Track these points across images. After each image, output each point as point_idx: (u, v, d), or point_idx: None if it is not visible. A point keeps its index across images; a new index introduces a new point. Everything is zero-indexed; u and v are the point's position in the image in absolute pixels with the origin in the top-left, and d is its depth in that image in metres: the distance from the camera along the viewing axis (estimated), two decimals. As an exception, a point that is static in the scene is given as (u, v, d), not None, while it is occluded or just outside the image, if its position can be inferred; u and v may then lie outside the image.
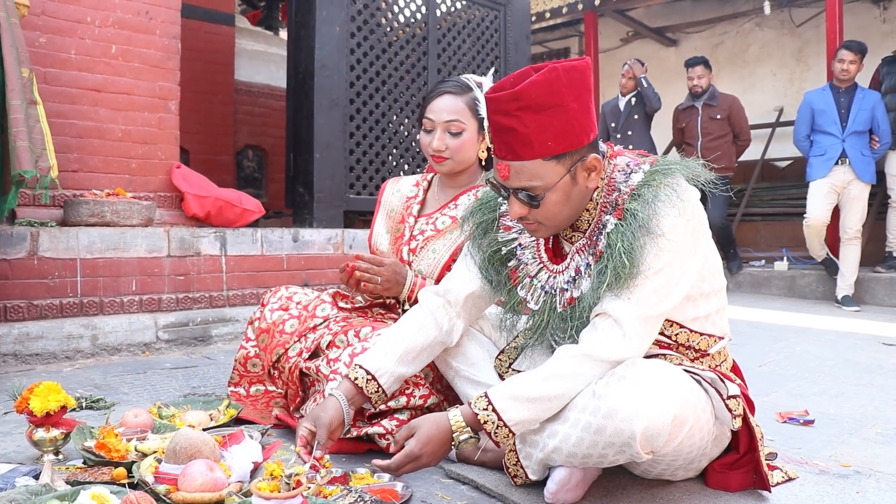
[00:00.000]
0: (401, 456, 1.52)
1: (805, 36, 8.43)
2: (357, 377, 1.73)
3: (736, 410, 1.54)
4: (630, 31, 9.71)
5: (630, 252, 1.48)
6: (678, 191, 1.51)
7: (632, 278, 1.48)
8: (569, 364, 1.50)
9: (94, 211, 3.43)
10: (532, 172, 1.50)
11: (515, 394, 1.49)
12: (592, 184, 1.56)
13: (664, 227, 1.48)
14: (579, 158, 1.52)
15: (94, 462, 1.70)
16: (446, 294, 1.83)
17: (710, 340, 1.67)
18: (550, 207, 1.54)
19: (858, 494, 1.69)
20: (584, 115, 1.50)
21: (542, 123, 1.45)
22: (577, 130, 1.49)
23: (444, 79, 2.27)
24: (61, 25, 3.62)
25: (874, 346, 3.91)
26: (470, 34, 5.35)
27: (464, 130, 2.19)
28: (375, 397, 1.75)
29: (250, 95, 7.17)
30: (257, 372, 2.33)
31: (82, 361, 3.23)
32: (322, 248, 4.26)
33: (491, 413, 1.49)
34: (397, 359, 1.76)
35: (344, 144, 4.54)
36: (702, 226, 1.57)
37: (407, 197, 2.42)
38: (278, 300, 2.32)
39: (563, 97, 1.45)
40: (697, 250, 1.56)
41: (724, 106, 6.43)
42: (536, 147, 1.47)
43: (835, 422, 2.37)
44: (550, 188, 1.51)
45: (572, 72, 1.46)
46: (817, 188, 5.75)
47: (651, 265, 1.48)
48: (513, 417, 1.49)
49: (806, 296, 6.30)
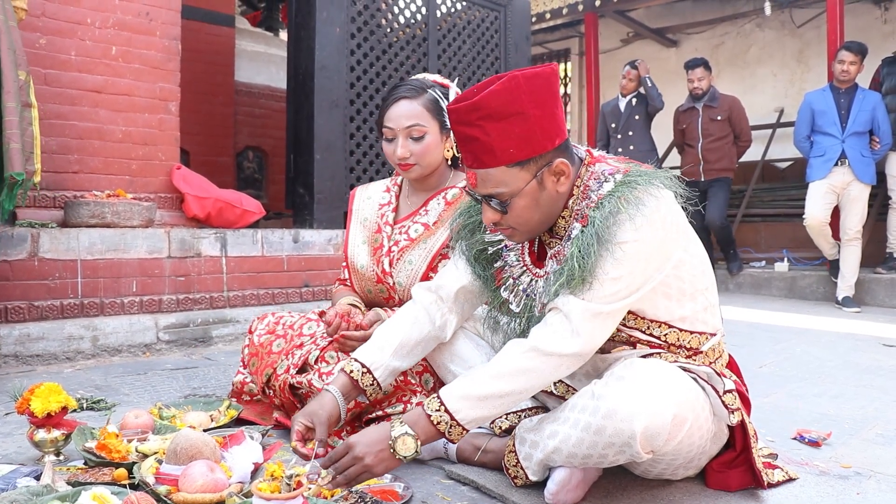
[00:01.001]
0: (339, 447, 1.50)
1: (806, 37, 8.43)
2: (353, 370, 1.75)
3: (732, 405, 1.55)
4: (630, 32, 9.71)
5: (583, 258, 1.48)
6: (640, 205, 1.49)
7: (584, 282, 1.48)
8: (518, 360, 1.51)
9: (95, 212, 3.44)
10: (497, 179, 1.52)
11: (467, 393, 1.50)
12: (563, 188, 1.56)
13: (621, 238, 1.47)
14: (545, 164, 1.52)
15: (95, 463, 1.70)
16: (438, 290, 1.85)
17: (702, 338, 1.67)
18: (520, 213, 1.55)
19: (859, 496, 1.69)
20: (549, 121, 1.50)
21: (504, 131, 1.47)
22: (539, 137, 1.49)
23: (397, 83, 2.24)
24: (61, 27, 3.62)
25: (875, 347, 3.91)
26: (470, 35, 5.35)
27: (425, 133, 2.15)
28: (370, 390, 1.76)
29: (250, 97, 7.17)
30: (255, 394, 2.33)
31: (83, 362, 3.23)
32: (322, 248, 4.27)
33: (444, 414, 1.50)
34: (392, 352, 1.78)
35: (344, 145, 4.54)
36: (673, 234, 1.55)
37: (380, 204, 2.37)
38: (265, 326, 2.31)
39: (523, 105, 1.46)
40: (666, 261, 1.54)
41: (724, 107, 6.42)
42: (499, 155, 1.49)
43: (835, 423, 2.37)
44: (517, 194, 1.53)
45: (535, 79, 1.47)
46: (815, 189, 5.75)
47: (608, 272, 1.48)
48: (465, 417, 1.50)
49: (806, 297, 6.30)
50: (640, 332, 1.63)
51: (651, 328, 1.62)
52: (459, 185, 2.27)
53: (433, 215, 2.25)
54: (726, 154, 6.45)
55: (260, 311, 3.90)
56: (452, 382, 1.56)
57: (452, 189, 2.27)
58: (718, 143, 6.43)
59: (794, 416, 2.46)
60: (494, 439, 1.80)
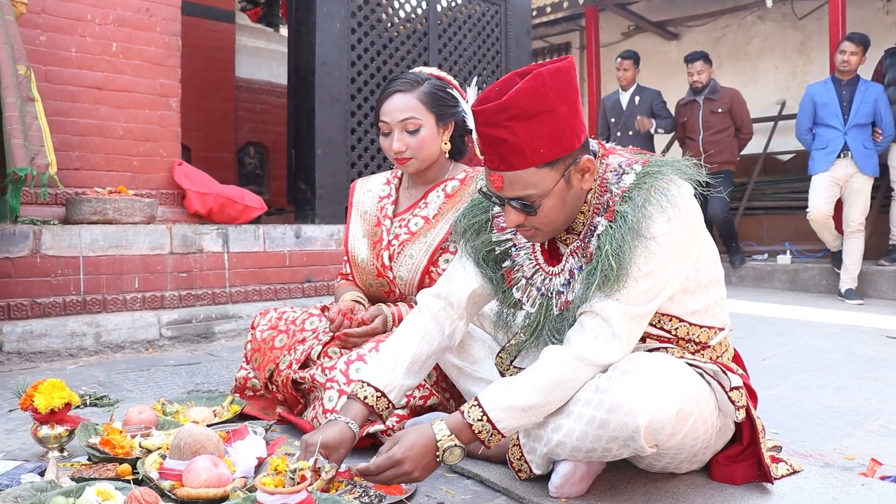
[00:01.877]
0: (382, 459, 1.47)
1: (808, 29, 8.40)
2: (367, 396, 1.65)
3: (739, 402, 1.54)
4: (631, 25, 9.68)
5: (619, 255, 1.46)
6: (669, 195, 1.48)
7: (619, 280, 1.46)
8: (562, 369, 1.49)
9: (97, 209, 3.44)
10: (526, 181, 1.47)
11: (510, 404, 1.48)
12: (587, 185, 1.53)
13: (654, 231, 1.46)
14: (572, 162, 1.49)
15: (99, 458, 1.70)
16: (448, 296, 1.78)
17: (710, 332, 1.66)
18: (547, 213, 1.52)
19: (863, 487, 1.69)
20: (574, 118, 1.47)
21: (533, 131, 1.42)
22: (567, 135, 1.46)
23: (393, 76, 2.24)
24: (62, 23, 3.62)
25: (878, 339, 3.90)
26: (471, 29, 5.33)
27: (421, 127, 2.13)
28: (386, 413, 1.69)
29: (251, 92, 7.17)
30: (258, 389, 2.33)
31: (86, 359, 3.24)
32: (324, 244, 4.26)
33: (486, 424, 1.48)
34: (404, 371, 1.71)
35: (345, 140, 4.53)
36: (696, 224, 1.54)
37: (379, 197, 2.36)
38: (268, 321, 2.31)
39: (551, 102, 1.42)
40: (690, 251, 1.54)
41: (725, 99, 6.41)
42: (529, 156, 1.45)
43: (839, 415, 2.37)
44: (546, 195, 1.49)
45: (558, 74, 1.43)
46: (818, 182, 5.73)
47: (641, 268, 1.46)
48: (507, 426, 1.48)
49: (809, 289, 6.29)
50: (652, 327, 1.61)
51: (662, 322, 1.61)
52: (458, 177, 2.26)
53: (433, 208, 2.24)
54: (727, 147, 6.43)
55: (262, 306, 3.90)
56: (492, 389, 1.52)
57: (452, 181, 2.26)
58: (719, 135, 6.41)
59: (799, 408, 2.46)
60: (498, 433, 1.79)
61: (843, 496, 1.63)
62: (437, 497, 1.62)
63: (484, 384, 1.84)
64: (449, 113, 2.16)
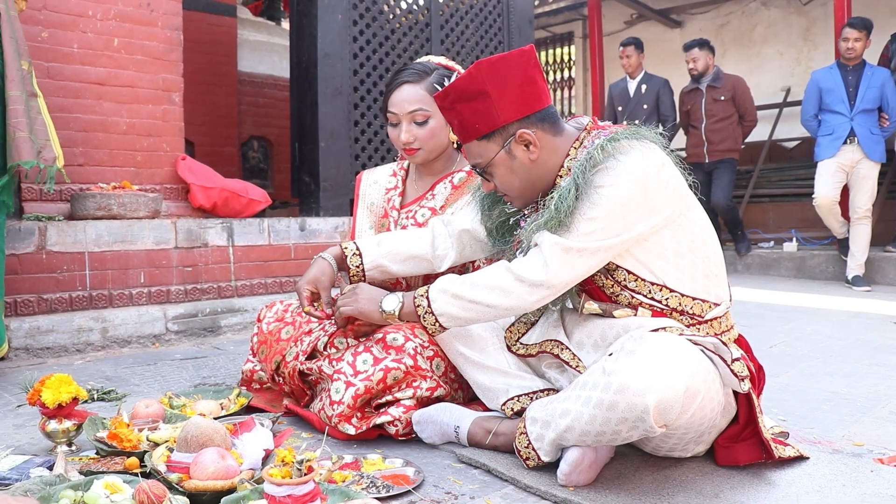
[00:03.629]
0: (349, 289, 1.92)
1: (812, 14, 8.35)
2: (347, 247, 2.02)
3: (742, 372, 1.55)
4: (634, 14, 9.64)
5: (560, 201, 1.61)
6: (619, 153, 1.61)
7: (560, 224, 1.61)
8: (494, 276, 1.68)
9: (101, 204, 3.44)
10: (474, 152, 1.73)
11: (446, 288, 1.73)
12: (534, 156, 1.68)
13: (598, 182, 1.59)
14: (509, 135, 1.68)
15: (107, 452, 1.70)
16: (448, 224, 2.02)
17: (704, 306, 1.69)
18: (501, 180, 1.74)
19: (873, 473, 1.68)
20: (509, 99, 1.65)
21: (471, 110, 1.67)
22: (496, 112, 1.65)
23: (401, 67, 2.25)
24: (63, 19, 3.61)
25: (885, 325, 3.89)
26: (473, 20, 5.31)
27: (429, 118, 2.16)
28: (354, 271, 2.00)
29: (254, 86, 7.15)
30: (264, 381, 2.33)
31: (93, 354, 3.25)
32: (329, 236, 4.26)
33: (424, 299, 1.75)
34: (386, 252, 2.00)
35: (349, 133, 4.53)
36: (661, 188, 1.61)
37: (386, 188, 2.37)
38: (274, 314, 2.32)
39: (485, 86, 1.63)
40: (652, 213, 1.61)
41: (728, 87, 6.37)
42: (469, 129, 1.70)
43: (847, 401, 2.36)
44: (490, 164, 1.71)
45: (498, 63, 1.64)
46: (825, 168, 5.70)
47: (584, 213, 1.60)
48: (439, 308, 1.73)
49: (816, 276, 6.27)
50: (643, 296, 1.69)
51: (652, 292, 1.68)
52: (466, 168, 2.26)
53: (440, 199, 2.24)
54: (730, 135, 6.39)
55: (268, 299, 3.90)
56: (442, 278, 1.78)
57: (459, 173, 2.26)
58: (722, 123, 6.38)
59: (807, 395, 2.45)
60: (505, 422, 1.79)
61: (852, 482, 1.62)
62: (445, 487, 1.62)
63: (492, 373, 1.85)
64: None
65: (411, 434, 1.92)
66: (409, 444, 1.90)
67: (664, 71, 7.25)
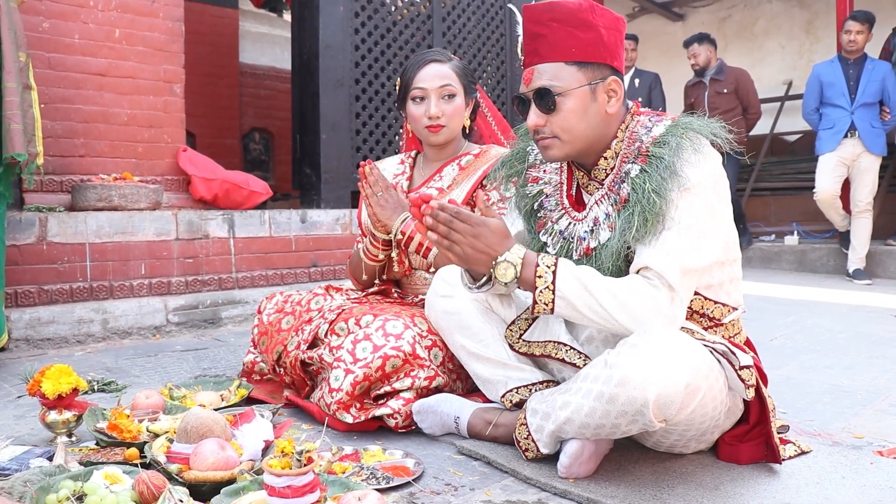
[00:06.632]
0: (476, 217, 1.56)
1: (814, 7, 8.32)
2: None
3: (749, 380, 1.53)
4: (636, 7, 9.60)
5: (659, 192, 1.52)
6: (700, 145, 1.56)
7: (659, 223, 1.51)
8: (631, 290, 1.51)
9: (102, 195, 3.44)
10: (552, 73, 1.59)
11: (579, 275, 1.54)
12: (612, 109, 1.61)
13: (692, 179, 1.52)
14: (601, 77, 1.60)
15: (107, 443, 1.71)
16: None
17: (724, 310, 1.68)
18: (566, 115, 1.59)
19: (872, 465, 1.68)
20: (613, 44, 1.59)
21: (571, 34, 1.57)
22: (601, 49, 1.58)
23: (422, 51, 2.29)
24: (64, 10, 3.60)
25: (886, 318, 3.89)
26: (475, 11, 5.30)
27: (456, 94, 2.23)
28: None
29: (255, 78, 7.15)
30: (265, 373, 2.34)
31: (93, 345, 3.25)
32: (330, 228, 4.26)
33: (550, 273, 1.54)
34: None
35: (350, 125, 4.52)
36: (725, 189, 1.60)
37: (394, 174, 2.43)
38: (274, 305, 2.33)
39: (591, 19, 1.56)
40: (725, 214, 1.60)
41: (731, 80, 6.34)
42: (561, 50, 1.58)
43: (847, 394, 2.36)
44: (567, 93, 1.58)
45: (606, 11, 1.59)
46: (825, 162, 5.69)
47: (680, 220, 1.51)
48: (562, 288, 1.52)
49: (817, 270, 6.26)
50: None
51: None
52: (474, 151, 2.32)
53: (447, 180, 2.30)
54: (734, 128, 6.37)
55: (268, 291, 3.90)
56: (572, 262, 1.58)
57: (466, 156, 2.32)
58: (725, 116, 6.29)
59: (807, 388, 2.45)
60: (506, 413, 1.79)
61: (851, 474, 1.62)
62: (445, 479, 1.62)
63: (491, 365, 1.84)
64: (472, 89, 2.30)
65: (411, 426, 1.92)
66: (409, 436, 1.91)
67: (665, 64, 7.24)
